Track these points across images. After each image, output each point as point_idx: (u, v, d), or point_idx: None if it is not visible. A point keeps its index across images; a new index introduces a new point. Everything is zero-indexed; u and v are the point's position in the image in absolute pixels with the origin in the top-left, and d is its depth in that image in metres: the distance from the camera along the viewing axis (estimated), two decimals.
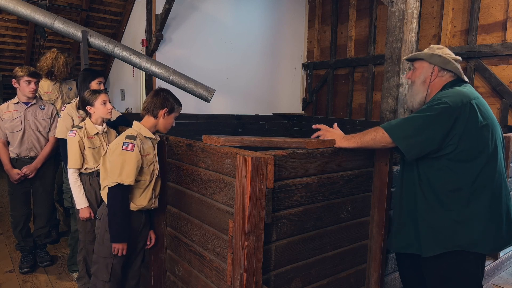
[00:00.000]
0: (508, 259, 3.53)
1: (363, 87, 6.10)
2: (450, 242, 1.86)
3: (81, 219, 2.58)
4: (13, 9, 3.86)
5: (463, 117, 1.80)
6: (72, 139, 2.51)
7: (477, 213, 1.83)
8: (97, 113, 2.54)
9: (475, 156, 1.82)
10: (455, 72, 2.00)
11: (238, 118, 5.76)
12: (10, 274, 3.22)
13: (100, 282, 2.21)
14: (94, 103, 2.51)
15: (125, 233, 2.13)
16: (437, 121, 1.80)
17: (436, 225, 1.89)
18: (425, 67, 2.04)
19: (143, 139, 2.19)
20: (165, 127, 2.27)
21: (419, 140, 1.83)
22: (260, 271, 1.75)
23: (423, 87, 2.04)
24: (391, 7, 2.70)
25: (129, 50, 4.29)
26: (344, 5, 6.35)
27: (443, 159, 1.85)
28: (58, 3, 6.17)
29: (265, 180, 1.69)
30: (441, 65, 1.99)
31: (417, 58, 2.08)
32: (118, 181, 2.06)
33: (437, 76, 2.01)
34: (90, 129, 2.55)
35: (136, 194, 2.19)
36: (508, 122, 4.43)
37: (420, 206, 1.94)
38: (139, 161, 2.12)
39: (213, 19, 5.88)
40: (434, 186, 1.89)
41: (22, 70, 3.09)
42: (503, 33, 4.45)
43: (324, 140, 2.09)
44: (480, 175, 1.83)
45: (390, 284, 2.55)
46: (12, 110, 3.13)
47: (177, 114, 2.31)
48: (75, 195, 2.55)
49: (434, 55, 2.01)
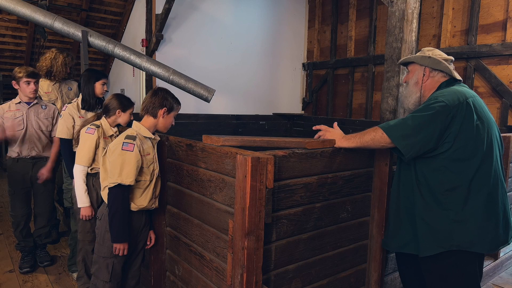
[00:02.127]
0: (508, 259, 3.53)
1: (363, 87, 6.10)
2: (448, 242, 1.86)
3: (81, 217, 2.58)
4: (13, 9, 3.86)
5: (459, 115, 1.82)
6: (89, 136, 2.49)
7: (474, 212, 1.84)
8: (121, 119, 2.56)
9: (471, 155, 1.84)
10: (446, 71, 2.04)
11: (238, 118, 5.76)
12: (10, 274, 3.22)
13: (101, 282, 2.21)
14: (127, 111, 2.55)
15: (125, 233, 2.13)
16: (434, 120, 1.82)
17: (433, 225, 1.89)
18: (417, 69, 2.11)
19: (142, 139, 2.19)
20: (165, 126, 2.27)
21: (417, 139, 1.84)
22: (260, 271, 1.75)
23: (416, 88, 2.11)
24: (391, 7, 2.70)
25: (129, 50, 4.29)
26: (344, 5, 6.35)
27: (439, 158, 1.86)
28: (58, 3, 6.17)
29: (265, 180, 1.69)
30: (432, 66, 2.05)
31: (409, 62, 2.16)
32: (118, 181, 2.06)
33: (428, 77, 2.07)
34: (107, 130, 2.55)
35: (136, 194, 2.18)
36: (508, 122, 4.43)
37: (418, 205, 1.94)
38: (139, 161, 2.11)
39: (213, 19, 5.88)
40: (431, 186, 1.90)
41: (20, 71, 3.10)
42: (503, 33, 4.45)
43: (324, 140, 2.09)
44: (476, 174, 1.84)
45: (390, 284, 2.55)
46: (14, 109, 3.14)
47: (176, 113, 2.31)
48: (78, 193, 2.53)
49: (424, 57, 2.08)
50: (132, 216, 2.20)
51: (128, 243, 2.15)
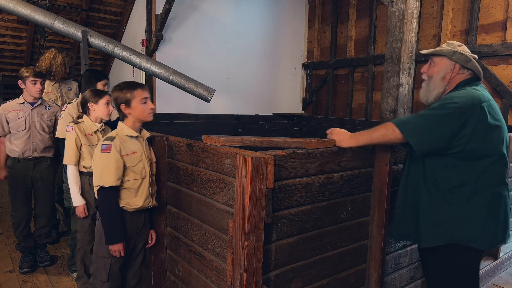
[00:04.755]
0: (508, 259, 3.53)
1: (363, 87, 6.10)
2: (449, 235, 1.89)
3: (77, 215, 2.59)
4: (13, 9, 3.86)
5: (472, 119, 1.82)
6: (69, 135, 2.53)
7: (477, 210, 1.87)
8: (97, 111, 2.56)
9: (481, 156, 1.86)
10: (475, 71, 2.01)
11: (238, 118, 5.76)
12: (10, 274, 3.22)
13: (99, 282, 2.21)
14: (98, 101, 2.55)
15: (118, 234, 2.12)
16: (447, 120, 1.83)
17: (437, 219, 1.92)
18: (445, 63, 2.03)
19: (125, 138, 2.15)
20: (142, 116, 2.16)
21: (429, 137, 1.85)
22: (260, 271, 1.75)
23: (442, 83, 2.04)
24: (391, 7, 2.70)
25: (129, 50, 4.29)
26: (344, 5, 6.35)
27: (449, 157, 1.88)
28: (58, 3, 6.17)
29: (265, 180, 1.69)
30: (462, 63, 1.99)
31: (438, 54, 2.06)
32: (100, 184, 2.06)
33: (457, 73, 2.01)
34: (89, 126, 2.56)
35: (129, 194, 2.16)
36: (508, 122, 4.43)
37: (424, 200, 1.97)
38: (119, 161, 2.08)
39: (213, 19, 5.88)
40: (438, 182, 1.92)
41: (27, 71, 3.11)
42: (503, 33, 4.45)
43: (324, 140, 2.09)
44: (483, 174, 1.86)
45: (390, 284, 2.55)
46: (17, 109, 3.14)
47: (141, 97, 2.13)
48: (72, 192, 2.55)
49: (456, 52, 2.00)
50: (129, 217, 2.19)
51: (123, 244, 2.14)
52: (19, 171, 3.19)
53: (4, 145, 3.19)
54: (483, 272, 3.20)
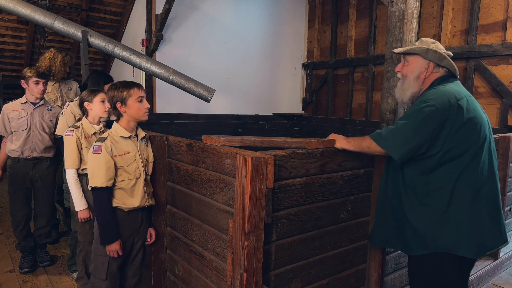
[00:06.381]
0: (508, 259, 3.53)
1: (363, 87, 6.10)
2: (433, 244, 1.83)
3: (80, 220, 2.58)
4: (13, 9, 3.86)
5: (450, 119, 1.77)
6: (69, 139, 2.51)
7: (458, 214, 1.80)
8: (94, 110, 2.55)
9: (458, 155, 1.80)
10: (450, 68, 1.95)
11: (238, 118, 5.76)
12: (10, 274, 3.22)
13: (98, 280, 2.22)
14: (93, 100, 2.54)
15: (112, 234, 2.12)
16: (425, 126, 1.78)
17: (419, 226, 1.86)
18: (419, 62, 1.96)
19: (118, 139, 2.15)
20: (137, 115, 2.15)
21: (410, 147, 1.81)
22: (260, 271, 1.75)
23: (416, 83, 1.98)
24: (391, 7, 2.70)
25: (129, 50, 4.29)
26: (344, 5, 6.35)
27: (427, 160, 1.83)
28: (58, 3, 6.17)
29: (265, 180, 1.69)
30: (436, 61, 1.93)
31: (411, 53, 2.00)
32: (91, 185, 2.08)
33: (432, 72, 1.95)
34: (88, 129, 2.56)
35: (125, 195, 2.16)
36: (508, 122, 4.43)
37: (405, 206, 1.92)
38: (109, 162, 2.08)
39: (213, 19, 5.88)
40: (416, 187, 1.88)
41: (30, 71, 3.11)
42: (503, 33, 4.45)
43: (324, 140, 2.09)
44: (461, 175, 1.80)
45: (390, 284, 2.55)
46: (19, 109, 3.15)
47: (137, 96, 2.13)
48: (74, 197, 2.54)
49: (429, 50, 1.94)
50: (126, 216, 2.19)
51: (120, 243, 2.15)
52: (19, 171, 3.19)
53: (5, 146, 3.19)
54: (483, 272, 3.21)
